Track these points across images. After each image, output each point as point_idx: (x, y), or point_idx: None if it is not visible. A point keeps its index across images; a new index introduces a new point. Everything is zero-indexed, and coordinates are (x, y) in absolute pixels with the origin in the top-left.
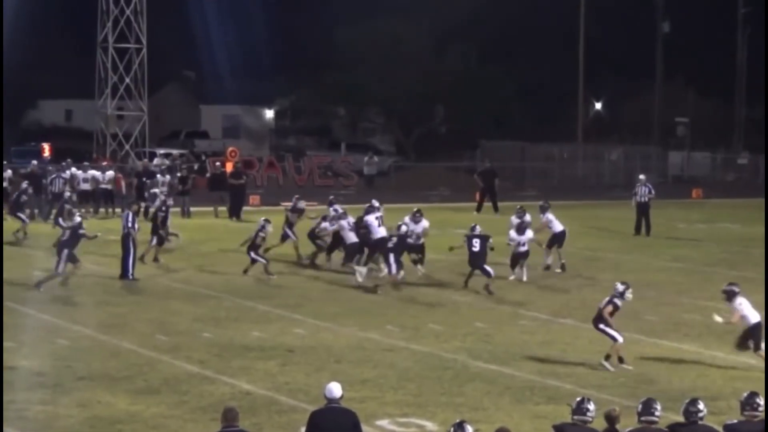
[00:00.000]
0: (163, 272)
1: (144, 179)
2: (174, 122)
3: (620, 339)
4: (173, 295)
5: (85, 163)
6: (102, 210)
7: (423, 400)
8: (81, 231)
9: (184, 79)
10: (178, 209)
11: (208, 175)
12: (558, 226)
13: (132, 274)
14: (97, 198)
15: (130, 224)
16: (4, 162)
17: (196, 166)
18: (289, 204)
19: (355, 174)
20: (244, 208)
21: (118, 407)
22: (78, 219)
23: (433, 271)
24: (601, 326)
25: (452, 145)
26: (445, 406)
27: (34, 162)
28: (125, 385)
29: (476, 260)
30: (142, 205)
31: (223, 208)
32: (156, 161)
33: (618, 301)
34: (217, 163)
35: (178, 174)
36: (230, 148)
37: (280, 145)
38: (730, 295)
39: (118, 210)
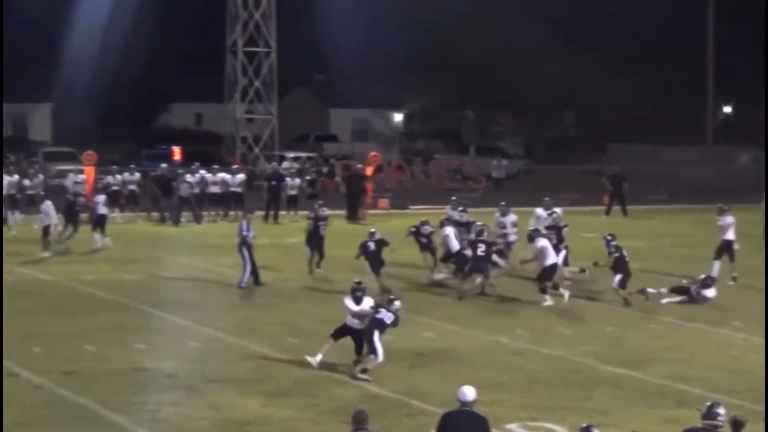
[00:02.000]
0: (294, 275)
1: (273, 182)
2: (303, 125)
3: None
4: (302, 298)
5: (215, 167)
6: (232, 213)
7: (552, 404)
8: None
9: (313, 82)
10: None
11: (337, 178)
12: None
13: (242, 282)
14: (227, 201)
15: (244, 232)
16: (133, 165)
17: (324, 170)
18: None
19: (484, 177)
20: (372, 211)
21: (248, 409)
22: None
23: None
24: None
25: (581, 148)
26: (575, 410)
27: (164, 165)
28: (256, 388)
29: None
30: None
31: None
32: (285, 164)
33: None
34: (359, 166)
35: (307, 177)
36: (372, 153)
37: (408, 148)
38: None
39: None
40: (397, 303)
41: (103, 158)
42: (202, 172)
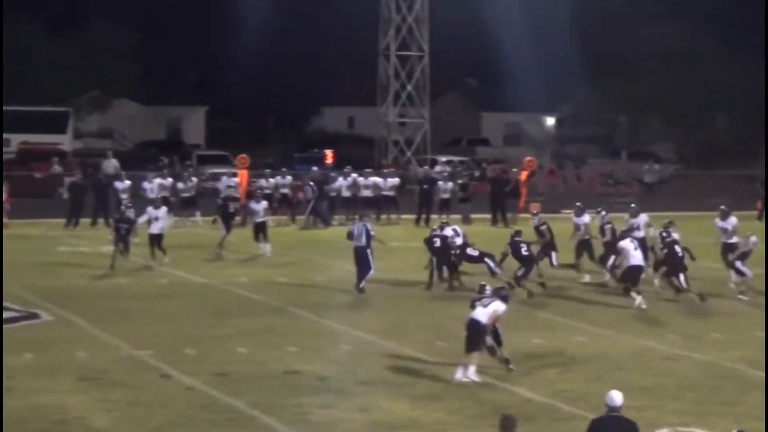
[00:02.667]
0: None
1: (424, 186)
2: (455, 129)
3: None
4: (453, 301)
5: (367, 170)
6: (384, 216)
7: (703, 410)
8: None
9: (465, 86)
10: (458, 216)
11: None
12: None
13: (360, 286)
14: (378, 205)
15: (371, 233)
16: (284, 168)
17: (476, 174)
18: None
19: (636, 182)
20: (523, 215)
21: (398, 412)
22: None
23: (713, 281)
24: None
25: (734, 153)
26: (726, 415)
27: (315, 168)
28: (405, 391)
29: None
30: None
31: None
32: (437, 168)
33: None
34: (514, 170)
35: (459, 181)
36: (527, 158)
37: (561, 152)
38: None
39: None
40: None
41: (256, 162)
42: (354, 175)
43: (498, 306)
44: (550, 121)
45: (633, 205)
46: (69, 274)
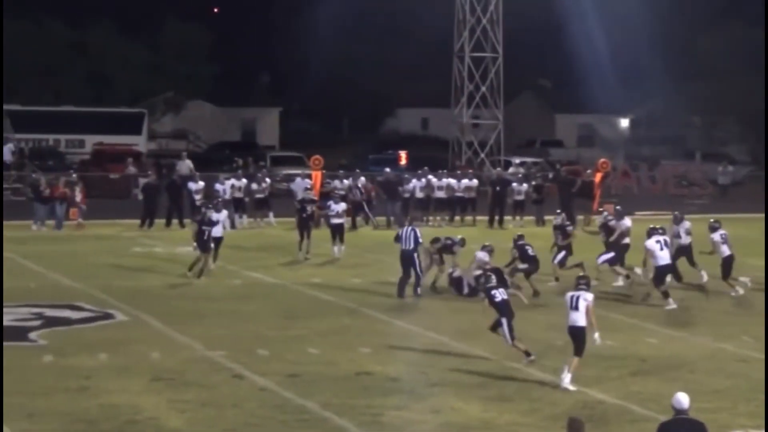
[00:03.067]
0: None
1: (497, 188)
2: (529, 131)
3: None
4: (529, 304)
5: (441, 171)
6: (458, 218)
7: None
8: None
9: (539, 87)
10: (532, 218)
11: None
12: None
13: (399, 293)
14: (452, 206)
15: (420, 239)
16: (358, 170)
17: (550, 175)
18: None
19: (710, 183)
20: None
21: (470, 414)
22: None
23: None
24: None
25: None
26: None
27: (387, 169)
28: (478, 392)
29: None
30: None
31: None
32: (511, 170)
33: None
34: (588, 171)
35: (533, 182)
36: (602, 159)
37: (634, 153)
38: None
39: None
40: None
41: (330, 163)
42: (429, 176)
43: (587, 297)
44: (624, 122)
45: (676, 213)
46: (143, 274)
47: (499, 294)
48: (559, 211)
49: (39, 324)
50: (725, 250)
